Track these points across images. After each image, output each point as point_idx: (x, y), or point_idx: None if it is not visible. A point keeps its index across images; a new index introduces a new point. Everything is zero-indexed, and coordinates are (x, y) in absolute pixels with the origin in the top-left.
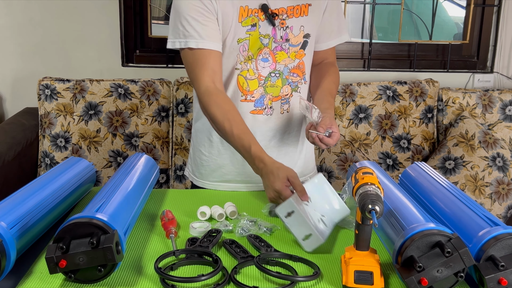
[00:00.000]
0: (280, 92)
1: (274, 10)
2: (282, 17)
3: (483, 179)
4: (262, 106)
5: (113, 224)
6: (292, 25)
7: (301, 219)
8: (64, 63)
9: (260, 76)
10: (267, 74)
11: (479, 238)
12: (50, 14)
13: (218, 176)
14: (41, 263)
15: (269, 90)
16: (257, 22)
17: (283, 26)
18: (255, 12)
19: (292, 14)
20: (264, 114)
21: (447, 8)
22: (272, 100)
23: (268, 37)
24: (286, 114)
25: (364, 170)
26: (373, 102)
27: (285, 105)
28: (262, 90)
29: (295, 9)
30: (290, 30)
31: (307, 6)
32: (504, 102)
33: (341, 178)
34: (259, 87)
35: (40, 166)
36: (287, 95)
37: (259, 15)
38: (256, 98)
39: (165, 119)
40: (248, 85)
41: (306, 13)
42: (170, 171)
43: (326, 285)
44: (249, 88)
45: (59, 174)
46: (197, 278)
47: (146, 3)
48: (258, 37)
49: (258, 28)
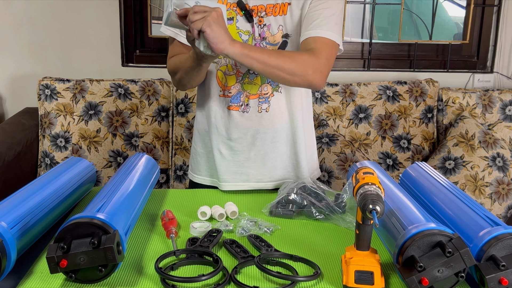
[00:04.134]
0: (258, 90)
1: (253, 7)
2: (261, 14)
3: (483, 179)
4: (238, 102)
5: (114, 224)
6: (269, 23)
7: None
8: (64, 63)
9: (238, 73)
10: (245, 71)
11: (480, 238)
12: (50, 14)
13: (215, 174)
14: (41, 263)
15: (247, 87)
16: (235, 17)
17: (261, 23)
18: (233, 6)
19: (270, 12)
20: (240, 111)
21: (447, 8)
22: (249, 98)
23: (248, 34)
24: (265, 113)
25: (365, 170)
26: (373, 102)
27: (264, 104)
28: (239, 86)
29: (275, 8)
30: (268, 28)
31: (286, 5)
32: (504, 102)
33: (341, 178)
34: (237, 83)
35: (40, 166)
36: (266, 94)
37: (237, 10)
38: (232, 94)
39: (165, 119)
40: (226, 80)
41: (285, 12)
42: (170, 171)
43: (327, 285)
44: (227, 84)
45: (59, 174)
46: (197, 278)
47: (146, 3)
48: (236, 32)
49: (235, 23)
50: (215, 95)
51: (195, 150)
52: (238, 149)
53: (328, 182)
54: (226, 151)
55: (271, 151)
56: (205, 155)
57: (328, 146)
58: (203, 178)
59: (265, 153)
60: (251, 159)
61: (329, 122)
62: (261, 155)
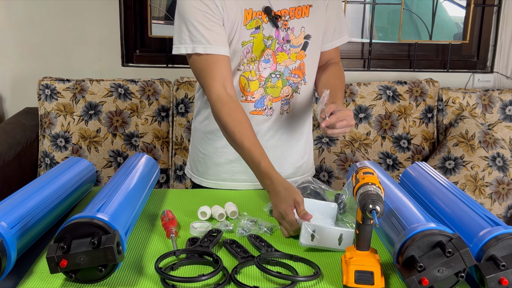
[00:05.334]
0: (280, 93)
1: (277, 12)
2: (285, 18)
3: (483, 179)
4: (262, 106)
5: (114, 224)
6: (293, 26)
7: (325, 230)
8: (64, 63)
9: (261, 77)
10: (268, 75)
11: (480, 238)
12: (50, 14)
13: (214, 174)
14: (41, 263)
15: (270, 91)
16: (261, 25)
17: (285, 27)
18: (259, 14)
19: (293, 15)
20: (264, 115)
21: (447, 8)
22: (272, 101)
23: (271, 39)
24: (286, 115)
25: (365, 170)
26: (373, 102)
27: (285, 106)
28: (262, 91)
29: (297, 10)
30: (292, 31)
31: (308, 7)
32: (504, 102)
33: (341, 178)
34: (260, 87)
35: (40, 166)
36: (287, 96)
37: (262, 17)
38: (256, 99)
39: (165, 119)
40: (249, 86)
41: (307, 14)
42: (170, 171)
43: (327, 285)
44: (250, 89)
45: (59, 174)
46: (197, 278)
47: (146, 3)
48: (262, 39)
49: (262, 31)
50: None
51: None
52: None
53: (328, 182)
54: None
55: (286, 149)
56: (218, 159)
57: (328, 146)
58: (215, 183)
59: (282, 152)
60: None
61: None
62: (278, 155)
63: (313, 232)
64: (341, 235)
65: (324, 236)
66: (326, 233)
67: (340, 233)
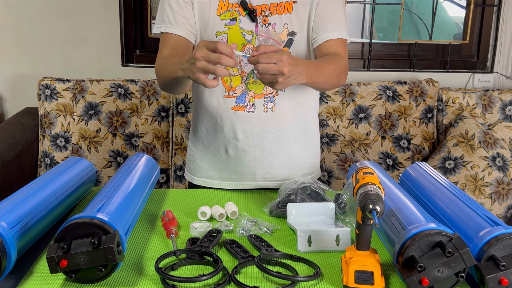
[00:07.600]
0: (263, 89)
1: (256, 7)
2: (265, 13)
3: (483, 179)
4: (243, 103)
5: (114, 224)
6: (274, 22)
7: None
8: (64, 63)
9: (243, 73)
10: (250, 71)
11: (480, 238)
12: (50, 14)
13: (203, 172)
14: (41, 263)
15: (252, 87)
16: (238, 17)
17: (265, 23)
18: (235, 6)
19: (275, 11)
20: (245, 111)
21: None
22: (255, 98)
23: (252, 33)
24: (271, 113)
25: (365, 170)
26: (373, 102)
27: (269, 103)
28: (244, 86)
29: (279, 6)
30: (273, 27)
31: (291, 3)
32: (504, 102)
33: (341, 178)
34: (242, 83)
35: (40, 166)
36: (271, 94)
37: (240, 10)
38: (238, 95)
39: (165, 119)
40: (231, 81)
41: (290, 10)
42: (170, 171)
43: (327, 285)
44: (232, 84)
45: (59, 174)
46: (197, 278)
47: (146, 3)
48: (239, 32)
49: (238, 23)
50: (220, 96)
51: (193, 152)
52: (245, 149)
53: (328, 182)
54: (232, 151)
55: (277, 150)
56: (206, 157)
57: (328, 146)
58: (204, 180)
59: (271, 152)
60: (257, 159)
61: (329, 122)
62: (267, 155)
63: (309, 237)
64: (337, 236)
65: (321, 239)
66: (322, 236)
67: (337, 234)
